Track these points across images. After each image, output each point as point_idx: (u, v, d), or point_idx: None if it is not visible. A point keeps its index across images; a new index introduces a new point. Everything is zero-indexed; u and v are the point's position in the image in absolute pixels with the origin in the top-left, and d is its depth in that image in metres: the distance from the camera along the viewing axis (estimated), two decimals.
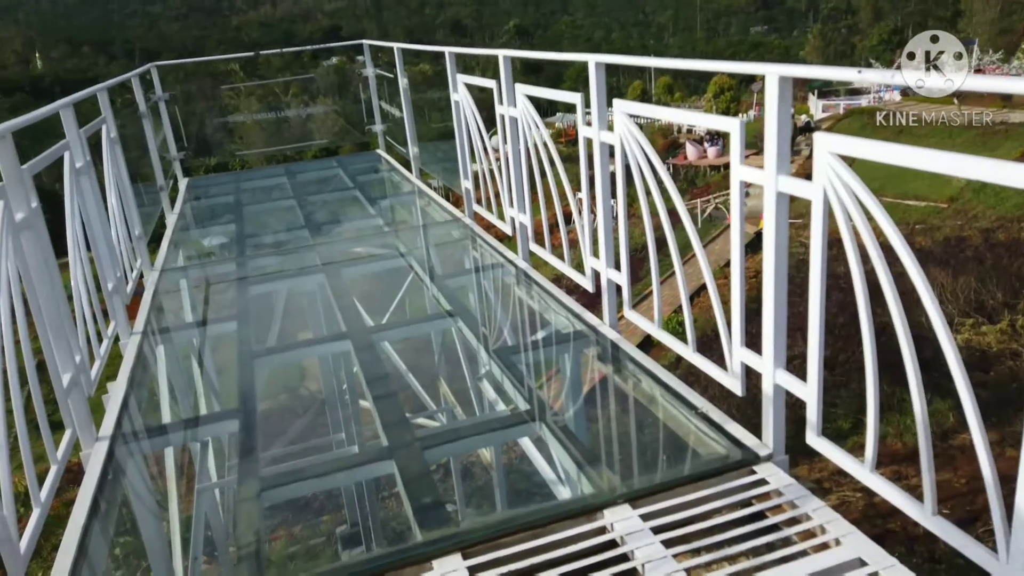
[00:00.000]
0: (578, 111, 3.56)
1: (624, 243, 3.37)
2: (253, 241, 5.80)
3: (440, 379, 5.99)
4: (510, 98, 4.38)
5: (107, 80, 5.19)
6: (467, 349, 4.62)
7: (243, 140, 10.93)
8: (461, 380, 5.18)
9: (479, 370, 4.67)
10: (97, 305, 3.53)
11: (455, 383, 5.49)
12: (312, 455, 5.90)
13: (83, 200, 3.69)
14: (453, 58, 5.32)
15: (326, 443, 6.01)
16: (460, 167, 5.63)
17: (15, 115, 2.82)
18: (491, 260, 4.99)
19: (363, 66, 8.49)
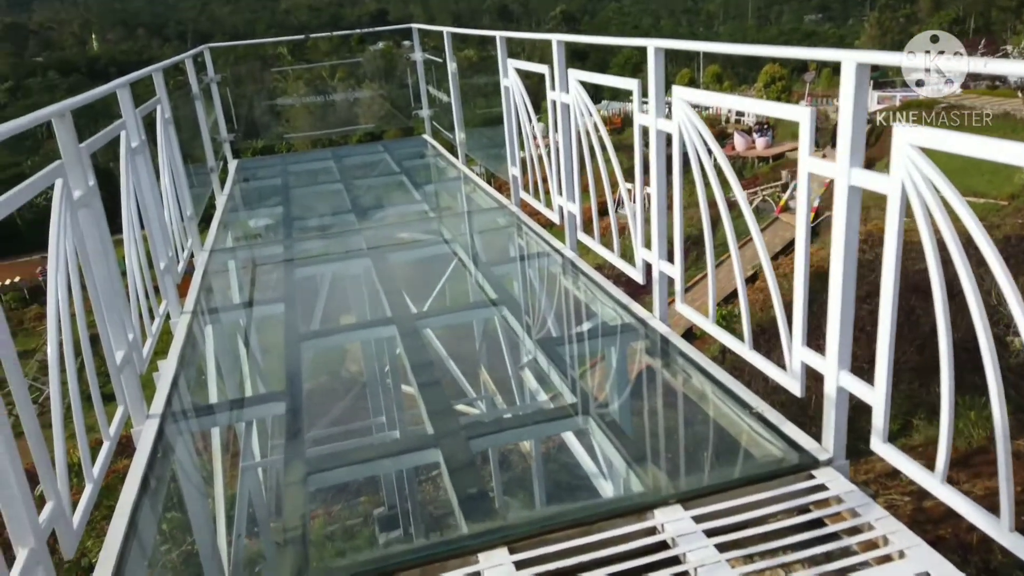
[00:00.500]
0: (635, 98, 3.46)
1: (678, 234, 3.28)
2: (300, 224, 5.83)
3: (483, 367, 5.97)
4: (563, 84, 4.30)
5: (161, 62, 5.25)
6: (511, 338, 4.57)
7: (289, 123, 11.03)
8: (504, 369, 5.15)
9: (522, 360, 4.62)
10: (149, 283, 3.56)
11: (498, 372, 5.45)
12: (355, 437, 5.93)
13: (138, 180, 3.72)
14: (504, 43, 5.25)
15: (368, 427, 6.04)
16: (508, 153, 5.57)
17: (72, 95, 2.85)
18: (537, 248, 4.93)
19: (411, 51, 8.46)
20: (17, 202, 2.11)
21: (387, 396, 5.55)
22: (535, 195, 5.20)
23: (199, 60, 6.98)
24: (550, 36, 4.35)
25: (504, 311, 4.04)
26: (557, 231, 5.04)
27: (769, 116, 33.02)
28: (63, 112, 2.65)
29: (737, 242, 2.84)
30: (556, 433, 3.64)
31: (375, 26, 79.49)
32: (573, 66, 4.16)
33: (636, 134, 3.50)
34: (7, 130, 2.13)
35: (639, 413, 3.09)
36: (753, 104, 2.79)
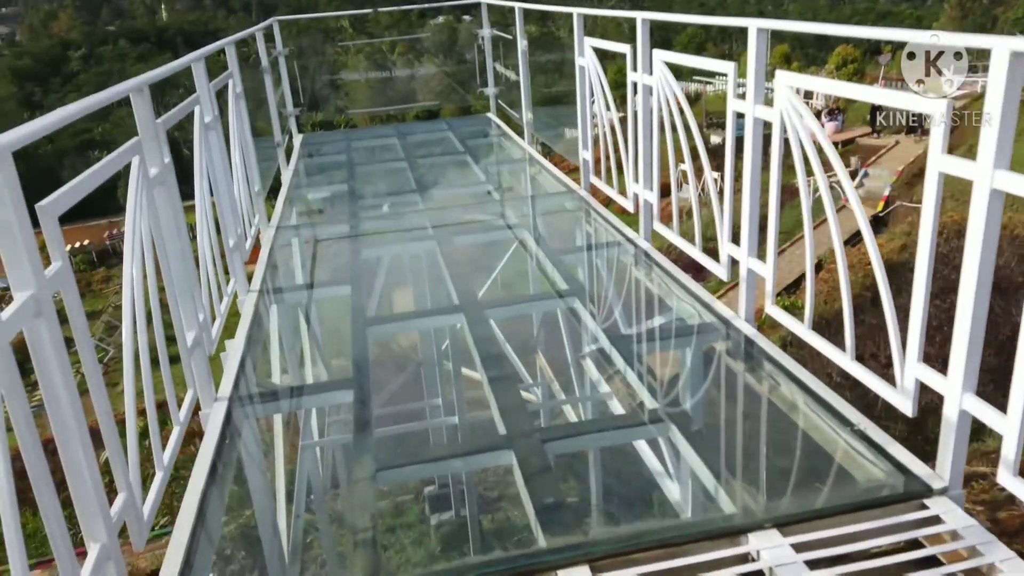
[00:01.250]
0: (729, 82, 3.23)
1: (773, 230, 3.06)
2: (364, 202, 5.75)
3: (546, 359, 5.82)
4: (646, 64, 4.07)
5: (228, 34, 5.19)
6: (580, 333, 4.40)
7: (349, 97, 10.99)
8: (572, 367, 4.98)
9: (592, 357, 4.45)
10: (219, 262, 3.52)
11: (566, 369, 5.29)
12: (419, 423, 5.85)
13: (210, 156, 3.67)
14: (581, 20, 5.03)
15: (435, 417, 5.94)
16: (580, 136, 5.37)
17: (142, 64, 2.81)
18: (608, 237, 4.74)
19: (476, 25, 8.27)
20: (96, 181, 2.04)
21: (452, 385, 5.44)
22: (607, 180, 5.00)
23: (268, 33, 6.93)
24: (635, 14, 4.12)
25: (574, 303, 3.88)
26: (628, 218, 4.85)
27: (841, 100, 31.41)
28: (141, 87, 2.58)
29: (814, 235, 2.61)
30: (635, 440, 3.47)
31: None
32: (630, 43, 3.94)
33: (729, 121, 3.28)
34: (88, 105, 2.06)
35: (725, 424, 2.90)
36: (874, 93, 2.53)
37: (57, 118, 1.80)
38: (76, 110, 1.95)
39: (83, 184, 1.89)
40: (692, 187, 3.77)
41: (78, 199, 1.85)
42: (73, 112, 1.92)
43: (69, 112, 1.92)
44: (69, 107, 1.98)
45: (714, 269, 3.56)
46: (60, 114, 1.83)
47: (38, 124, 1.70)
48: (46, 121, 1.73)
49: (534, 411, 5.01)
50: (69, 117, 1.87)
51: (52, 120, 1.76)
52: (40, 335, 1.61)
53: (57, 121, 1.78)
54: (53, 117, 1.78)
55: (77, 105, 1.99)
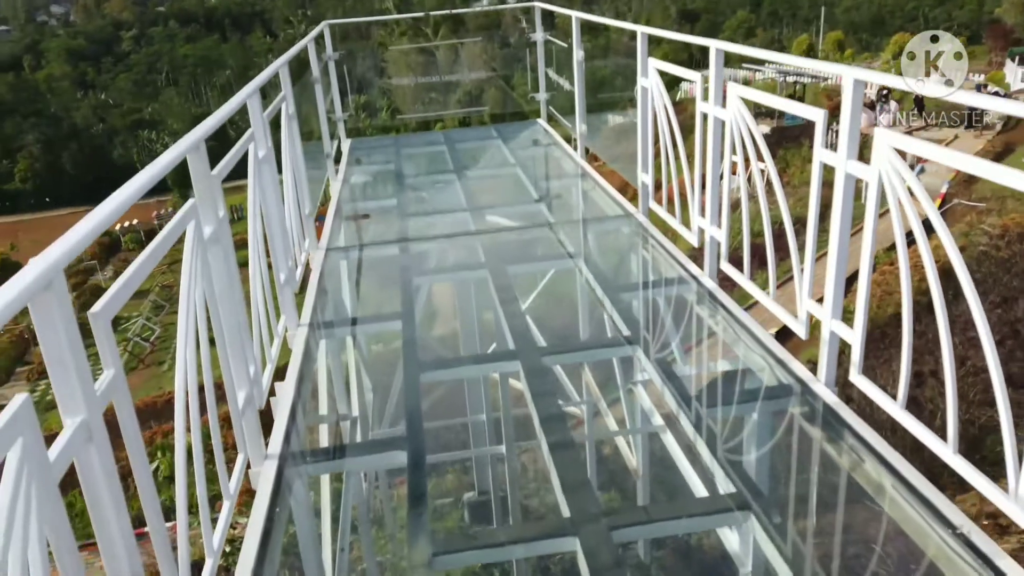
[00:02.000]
0: (817, 132, 2.98)
1: (864, 295, 2.81)
2: (413, 222, 5.61)
3: (609, 418, 5.60)
4: (718, 96, 3.83)
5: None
6: (639, 385, 4.19)
7: (393, 88, 10.82)
8: (641, 432, 4.72)
9: (657, 419, 4.24)
10: (271, 303, 3.41)
11: (632, 430, 5.05)
12: (471, 491, 5.67)
13: (263, 191, 3.55)
14: (645, 40, 4.79)
15: (490, 473, 5.76)
16: (640, 158, 5.14)
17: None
18: (669, 270, 4.52)
19: (531, 29, 8.04)
20: (160, 253, 1.99)
21: (510, 445, 5.24)
22: (669, 209, 4.77)
23: (319, 41, 6.81)
24: (708, 42, 3.88)
25: (635, 351, 3.68)
26: (680, 240, 4.62)
27: (894, 90, 30.33)
28: (196, 145, 2.45)
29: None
30: (705, 528, 3.27)
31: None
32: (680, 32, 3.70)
33: (815, 173, 3.03)
34: (141, 186, 1.93)
35: (805, 511, 2.69)
36: (982, 167, 2.26)
37: (104, 215, 1.67)
38: (127, 196, 1.83)
39: (133, 280, 1.76)
40: (767, 231, 3.54)
41: (128, 297, 1.73)
42: (123, 202, 1.79)
43: (120, 202, 1.79)
44: (121, 194, 1.85)
45: (792, 326, 3.33)
46: (107, 209, 1.70)
47: (83, 229, 1.57)
48: (91, 224, 1.60)
49: (601, 488, 4.81)
50: (120, 209, 1.74)
51: (99, 221, 1.63)
52: (91, 462, 1.49)
53: (103, 221, 1.65)
54: (101, 214, 1.65)
55: (128, 190, 1.86)
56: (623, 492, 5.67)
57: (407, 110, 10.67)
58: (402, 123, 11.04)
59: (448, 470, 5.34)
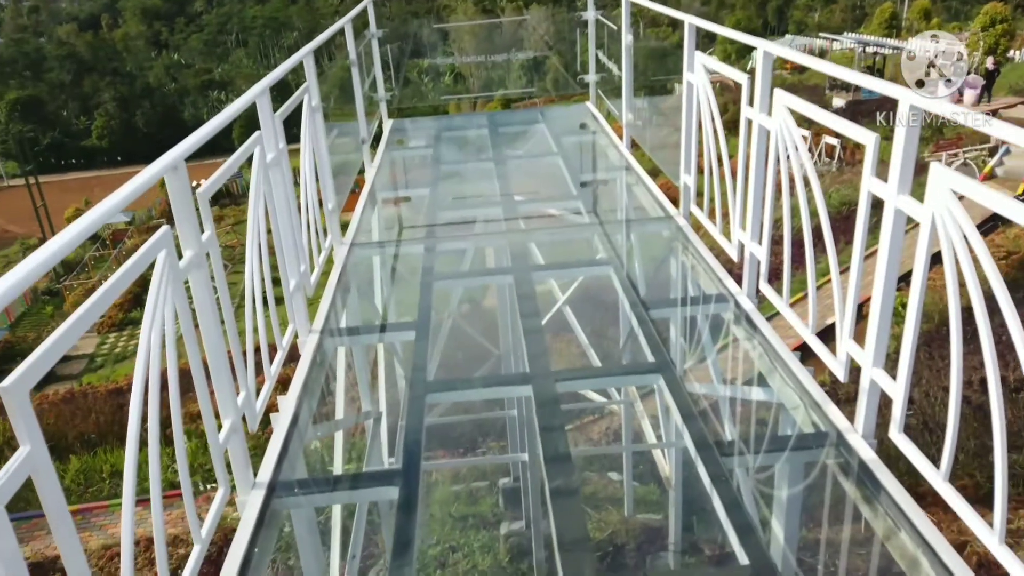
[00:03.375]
0: (867, 158, 2.63)
1: (909, 349, 2.49)
2: (444, 215, 5.41)
3: (634, 460, 5.34)
4: (764, 103, 3.48)
5: (317, 38, 4.87)
6: (662, 421, 3.92)
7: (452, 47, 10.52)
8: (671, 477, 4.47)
9: (678, 448, 3.98)
10: (274, 317, 3.27)
11: (645, 458, 4.81)
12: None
13: (270, 193, 3.39)
14: (694, 31, 4.41)
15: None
16: (682, 157, 4.80)
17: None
18: (705, 284, 4.21)
19: (581, 7, 7.65)
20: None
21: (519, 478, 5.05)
22: (710, 215, 4.44)
23: (358, 21, 6.60)
24: (756, 42, 3.51)
25: (658, 380, 3.42)
26: (718, 251, 4.29)
27: (982, 67, 28.40)
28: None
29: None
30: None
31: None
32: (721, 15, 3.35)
33: (862, 203, 2.69)
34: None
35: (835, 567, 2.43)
36: None
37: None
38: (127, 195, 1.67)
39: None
40: (809, 257, 3.21)
41: (50, 366, 1.58)
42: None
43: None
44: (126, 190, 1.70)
45: (832, 366, 3.02)
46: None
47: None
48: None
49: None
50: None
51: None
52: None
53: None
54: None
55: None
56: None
57: (456, 87, 10.41)
58: (446, 103, 10.71)
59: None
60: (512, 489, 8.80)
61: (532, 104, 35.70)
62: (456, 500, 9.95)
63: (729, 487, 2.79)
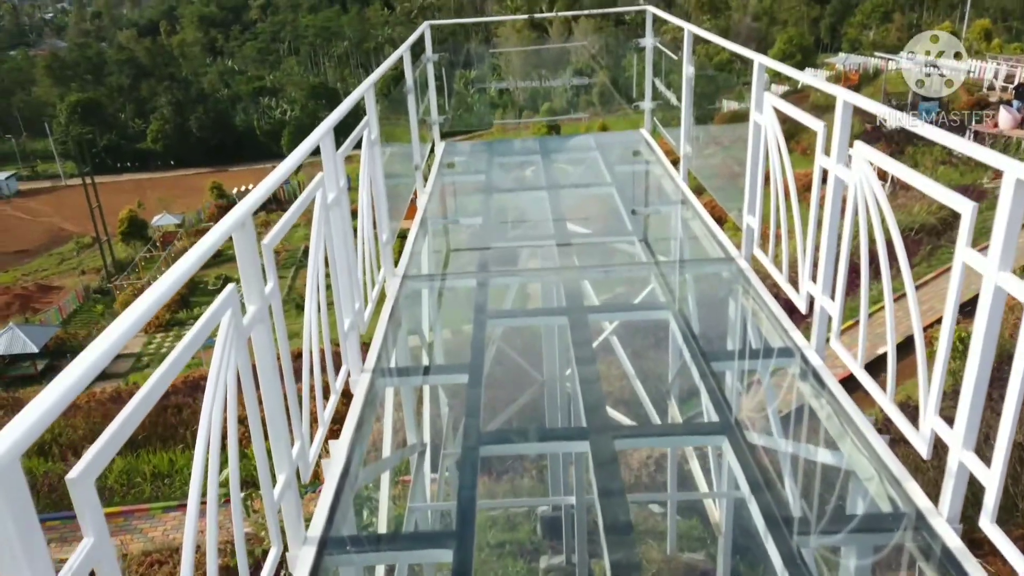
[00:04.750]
0: (962, 229, 2.46)
1: (1009, 426, 2.32)
2: (497, 249, 5.32)
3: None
4: (842, 154, 3.33)
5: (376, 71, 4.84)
6: (717, 488, 3.75)
7: (498, 87, 10.51)
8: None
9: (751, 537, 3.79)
10: (329, 360, 3.22)
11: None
12: None
13: (329, 234, 3.35)
14: (762, 71, 4.28)
15: None
16: (746, 198, 4.65)
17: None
18: (769, 335, 4.04)
19: (640, 34, 7.54)
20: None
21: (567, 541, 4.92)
22: (775, 262, 4.28)
23: (416, 48, 6.58)
24: (835, 90, 3.36)
25: (720, 441, 3.27)
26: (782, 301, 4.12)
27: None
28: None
29: None
30: None
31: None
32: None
33: (955, 273, 2.52)
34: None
35: None
36: None
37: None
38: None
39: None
40: (889, 319, 3.04)
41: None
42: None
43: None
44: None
45: (914, 441, 2.84)
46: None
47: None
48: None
49: None
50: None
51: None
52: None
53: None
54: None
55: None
56: None
57: (508, 111, 10.39)
58: (491, 118, 10.69)
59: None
60: (552, 519, 8.65)
61: (578, 120, 35.52)
62: (493, 525, 9.82)
63: (792, 560, 2.64)
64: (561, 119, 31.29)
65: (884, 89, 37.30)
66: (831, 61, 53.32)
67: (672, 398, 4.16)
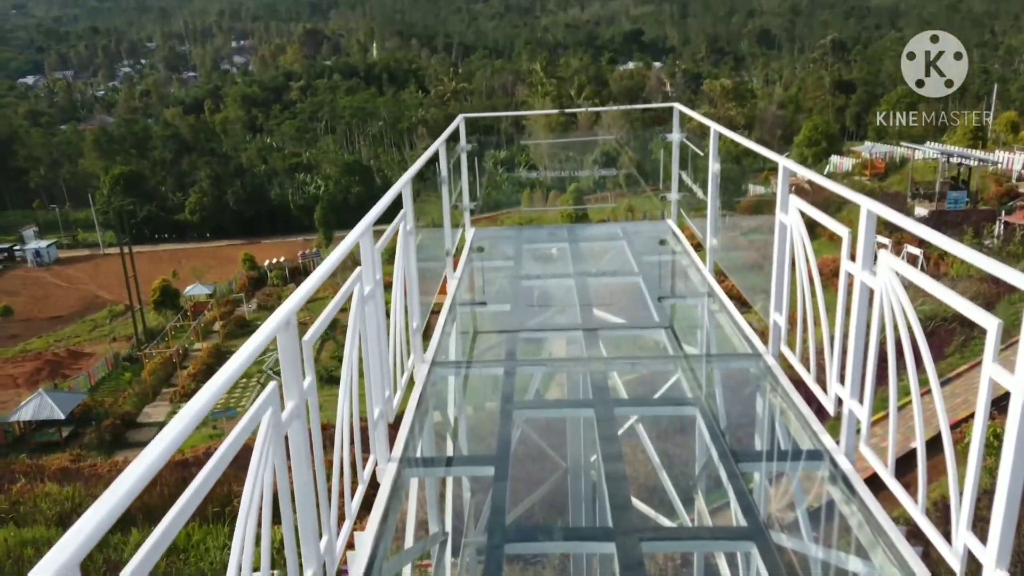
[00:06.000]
0: (988, 344, 2.49)
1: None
2: (525, 336, 5.40)
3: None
4: (868, 260, 3.39)
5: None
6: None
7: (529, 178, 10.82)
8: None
9: None
10: (359, 450, 3.27)
11: None
12: None
13: (364, 327, 3.46)
14: (787, 174, 4.40)
15: None
16: (773, 296, 4.70)
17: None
18: (798, 434, 4.02)
19: (668, 129, 7.79)
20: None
21: None
22: (803, 360, 4.29)
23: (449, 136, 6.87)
24: (858, 198, 3.45)
25: (749, 548, 3.22)
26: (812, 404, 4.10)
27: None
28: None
29: None
30: None
31: (628, 46, 79.06)
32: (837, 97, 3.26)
33: (983, 387, 2.54)
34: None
35: None
36: None
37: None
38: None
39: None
40: (919, 430, 3.02)
41: None
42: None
43: None
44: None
45: (946, 555, 2.78)
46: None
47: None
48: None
49: None
50: None
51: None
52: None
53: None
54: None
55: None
56: None
57: (536, 189, 10.66)
58: (519, 197, 10.96)
59: None
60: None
61: (604, 198, 35.88)
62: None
63: None
64: (588, 197, 31.91)
65: (911, 178, 37.53)
66: (857, 149, 53.97)
67: (699, 493, 4.11)
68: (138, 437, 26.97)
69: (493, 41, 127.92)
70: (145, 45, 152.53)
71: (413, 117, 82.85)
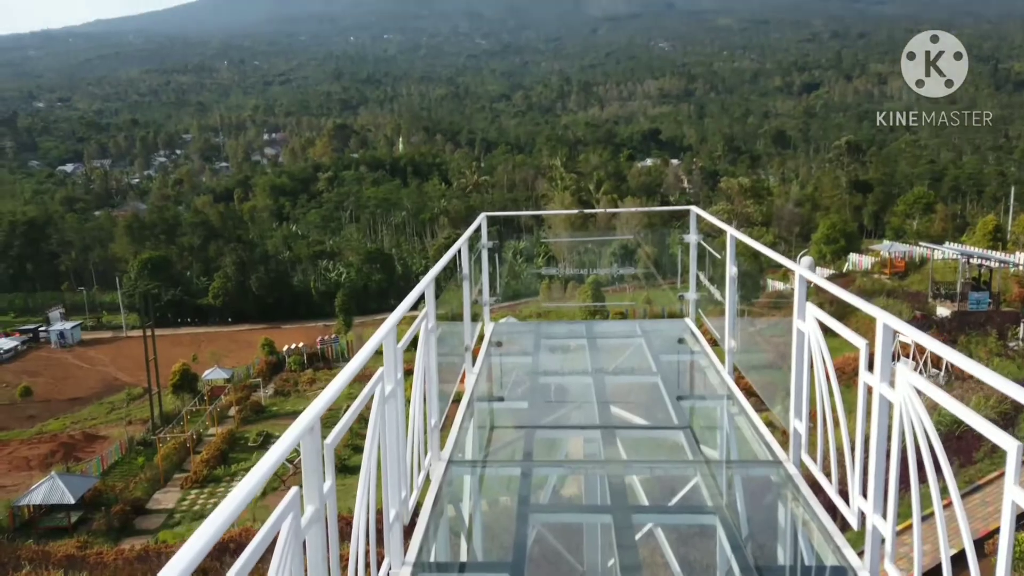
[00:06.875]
0: (1009, 466, 2.48)
1: None
2: (542, 436, 5.38)
3: None
4: (886, 373, 3.40)
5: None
6: None
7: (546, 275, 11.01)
8: None
9: None
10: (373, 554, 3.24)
11: None
12: None
13: (383, 427, 3.49)
14: (804, 284, 4.47)
15: None
16: (792, 403, 4.68)
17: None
18: (821, 548, 3.92)
19: (685, 231, 7.96)
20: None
21: None
22: (824, 470, 4.23)
23: (473, 239, 7.06)
24: (875, 312, 3.50)
25: None
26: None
27: None
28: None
29: None
30: None
31: (646, 144, 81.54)
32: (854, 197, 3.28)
33: (1007, 510, 2.50)
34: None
35: None
36: None
37: None
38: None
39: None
40: (943, 550, 2.96)
41: None
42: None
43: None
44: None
45: None
46: None
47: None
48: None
49: None
50: None
51: None
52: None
53: None
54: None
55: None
56: None
57: (554, 279, 10.80)
58: (545, 311, 11.11)
59: None
60: None
61: (622, 289, 35.93)
62: None
63: None
64: (606, 289, 32.07)
65: (932, 277, 37.53)
66: (876, 247, 54.23)
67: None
68: (144, 524, 26.52)
69: (515, 137, 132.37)
70: (181, 137, 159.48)
71: (435, 208, 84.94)
